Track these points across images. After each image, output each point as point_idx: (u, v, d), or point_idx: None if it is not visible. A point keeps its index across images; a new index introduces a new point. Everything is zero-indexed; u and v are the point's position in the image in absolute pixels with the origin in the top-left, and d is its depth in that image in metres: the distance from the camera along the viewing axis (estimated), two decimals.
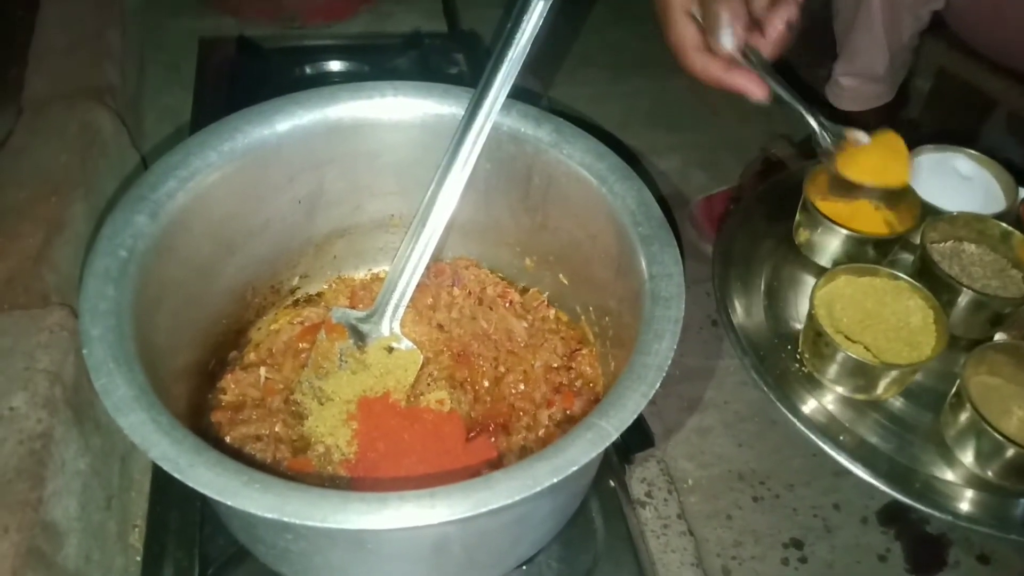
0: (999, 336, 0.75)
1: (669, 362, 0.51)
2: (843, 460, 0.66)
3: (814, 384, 0.73)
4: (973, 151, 0.85)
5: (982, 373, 0.69)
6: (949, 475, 0.67)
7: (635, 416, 0.48)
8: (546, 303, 0.76)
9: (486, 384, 0.71)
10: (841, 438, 0.68)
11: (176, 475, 0.44)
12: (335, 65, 1.17)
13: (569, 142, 0.66)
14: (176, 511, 0.68)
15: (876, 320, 0.72)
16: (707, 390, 1.04)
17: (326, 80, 1.14)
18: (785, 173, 0.96)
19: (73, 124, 1.01)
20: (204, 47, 1.22)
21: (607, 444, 0.47)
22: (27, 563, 0.60)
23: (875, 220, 0.83)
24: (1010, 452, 0.63)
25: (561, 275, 0.74)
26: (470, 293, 0.76)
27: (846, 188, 0.80)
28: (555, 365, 0.71)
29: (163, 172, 0.59)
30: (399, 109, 0.69)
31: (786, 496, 0.93)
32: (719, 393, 1.03)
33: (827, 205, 0.82)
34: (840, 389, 0.72)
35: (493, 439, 0.66)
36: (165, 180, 0.59)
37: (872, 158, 0.73)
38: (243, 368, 0.70)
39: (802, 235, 0.85)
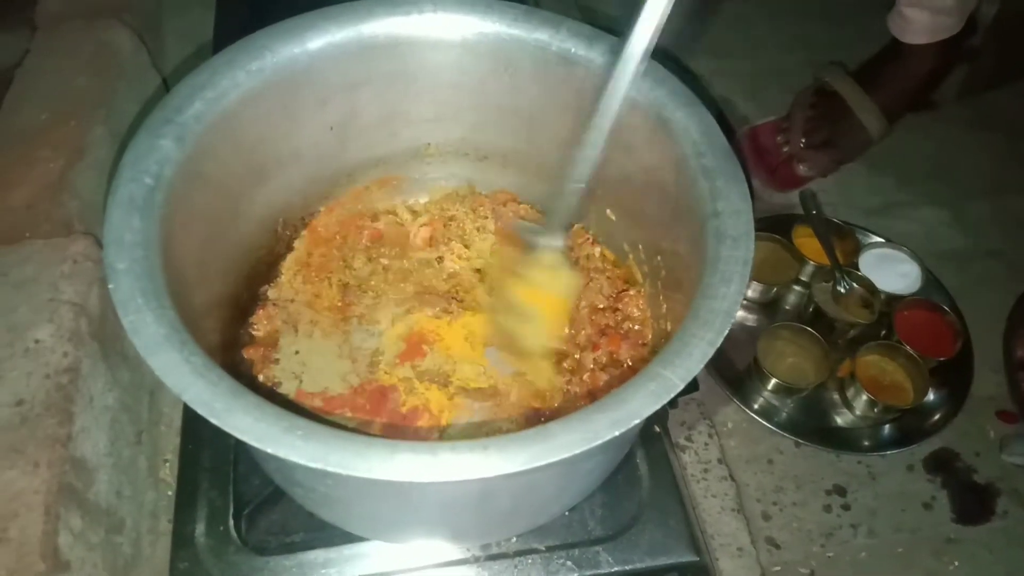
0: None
1: (738, 307, 0.47)
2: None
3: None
4: (909, 250, 1.00)
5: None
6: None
7: (702, 366, 0.45)
8: (591, 240, 0.72)
9: None
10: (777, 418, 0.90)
11: (212, 420, 0.41)
12: None
13: None
14: (209, 449, 0.66)
15: (795, 358, 0.92)
16: None
17: None
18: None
19: (90, 43, 0.96)
20: None
21: (672, 396, 0.43)
22: (59, 500, 0.59)
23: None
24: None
25: (608, 210, 0.70)
26: None
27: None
28: (600, 306, 0.68)
29: (188, 93, 0.55)
30: (439, 26, 0.63)
31: None
32: None
33: None
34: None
35: None
36: (191, 102, 0.54)
37: None
38: (275, 303, 0.67)
39: None
